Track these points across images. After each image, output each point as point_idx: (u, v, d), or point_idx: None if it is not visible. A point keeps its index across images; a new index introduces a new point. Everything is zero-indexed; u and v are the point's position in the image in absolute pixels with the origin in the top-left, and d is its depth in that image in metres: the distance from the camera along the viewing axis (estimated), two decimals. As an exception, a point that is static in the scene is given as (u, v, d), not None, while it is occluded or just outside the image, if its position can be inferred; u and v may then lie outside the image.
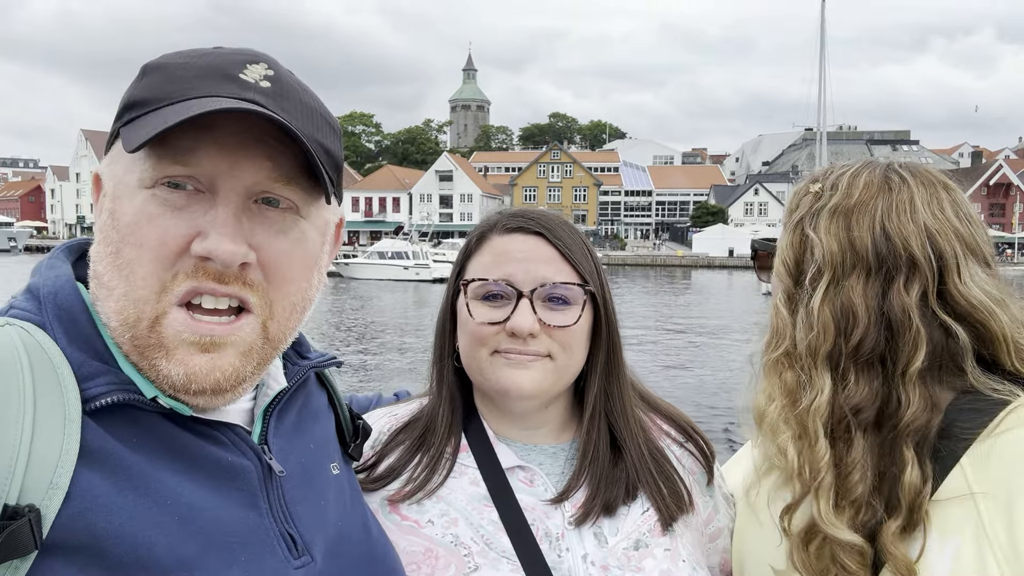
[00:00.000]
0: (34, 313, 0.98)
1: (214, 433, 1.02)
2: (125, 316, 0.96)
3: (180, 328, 0.97)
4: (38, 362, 0.91)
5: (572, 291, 1.39)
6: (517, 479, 1.41)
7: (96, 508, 0.87)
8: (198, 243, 0.96)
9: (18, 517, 0.81)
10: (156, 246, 0.96)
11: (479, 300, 1.40)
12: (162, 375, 0.97)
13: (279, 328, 1.06)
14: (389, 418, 1.55)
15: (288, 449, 1.11)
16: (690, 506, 1.45)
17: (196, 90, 0.97)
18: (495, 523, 1.35)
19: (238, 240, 0.97)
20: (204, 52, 1.04)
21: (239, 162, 0.98)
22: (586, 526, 1.36)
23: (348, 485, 1.25)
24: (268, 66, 1.04)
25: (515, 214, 1.46)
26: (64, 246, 1.11)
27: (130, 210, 0.97)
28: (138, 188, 0.97)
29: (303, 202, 1.04)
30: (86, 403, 0.91)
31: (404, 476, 1.42)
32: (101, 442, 0.91)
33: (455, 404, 1.49)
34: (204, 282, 0.97)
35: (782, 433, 1.26)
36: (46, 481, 0.84)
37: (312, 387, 1.28)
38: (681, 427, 1.57)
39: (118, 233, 0.98)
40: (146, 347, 0.97)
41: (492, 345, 1.39)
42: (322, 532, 1.09)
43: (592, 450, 1.43)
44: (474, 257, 1.46)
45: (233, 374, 1.00)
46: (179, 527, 0.92)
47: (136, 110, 0.98)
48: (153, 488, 0.92)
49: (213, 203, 0.98)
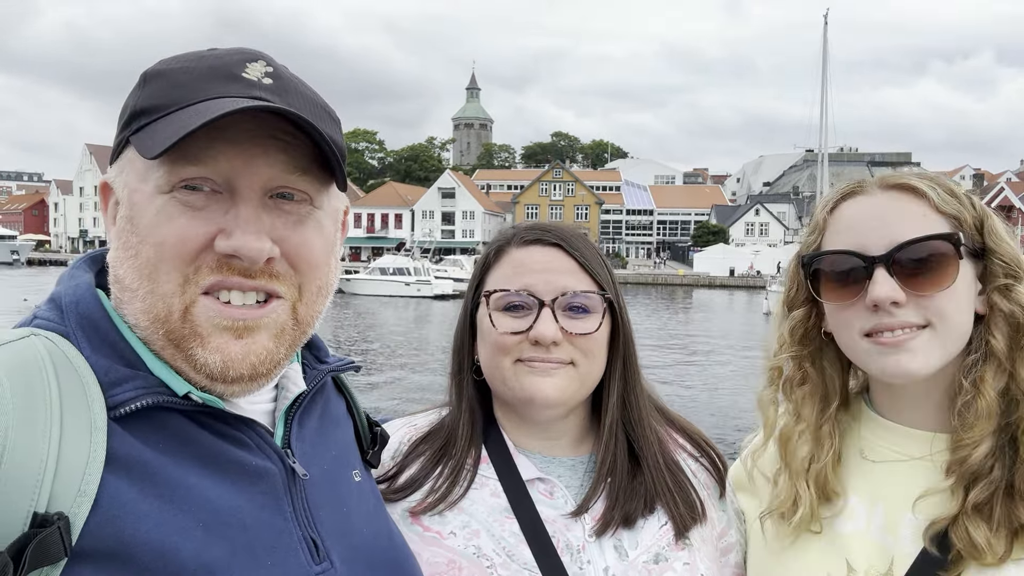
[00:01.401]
0: (57, 323, 0.99)
1: (240, 436, 1.03)
2: (156, 312, 0.98)
3: (212, 314, 0.99)
4: (63, 371, 0.92)
5: (592, 299, 1.43)
6: (537, 491, 1.42)
7: (123, 515, 0.88)
8: (222, 241, 0.98)
9: (48, 525, 0.81)
10: (176, 243, 0.97)
11: (501, 311, 1.43)
12: (199, 363, 0.99)
13: (307, 310, 1.08)
14: (409, 428, 1.57)
15: (311, 454, 1.12)
16: (703, 517, 1.47)
17: (204, 92, 0.99)
18: (516, 535, 1.36)
19: (262, 236, 0.99)
20: (201, 55, 1.06)
21: (254, 159, 0.99)
22: (606, 539, 1.38)
23: (370, 493, 1.25)
24: (267, 63, 1.06)
25: (532, 227, 1.50)
26: (87, 256, 1.13)
27: (149, 214, 0.98)
28: (156, 194, 0.98)
29: (316, 192, 1.07)
30: (113, 409, 0.92)
31: (426, 487, 1.43)
32: (128, 448, 0.92)
33: (475, 416, 1.50)
34: (229, 276, 0.99)
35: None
36: (74, 489, 0.85)
37: (331, 393, 1.29)
38: (695, 441, 1.60)
39: (137, 236, 0.99)
40: (181, 338, 0.99)
41: (515, 354, 1.41)
42: (343, 538, 1.10)
43: (611, 461, 1.44)
44: (493, 269, 1.48)
45: (268, 357, 1.03)
46: (205, 532, 0.93)
47: (145, 117, 1.00)
48: (179, 494, 0.93)
49: (232, 202, 0.99)
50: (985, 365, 1.27)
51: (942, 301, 1.26)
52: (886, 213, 1.30)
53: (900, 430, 1.37)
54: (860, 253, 1.29)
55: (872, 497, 1.36)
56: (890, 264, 1.26)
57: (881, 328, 1.27)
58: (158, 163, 0.97)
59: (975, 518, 1.22)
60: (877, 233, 1.29)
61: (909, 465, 1.34)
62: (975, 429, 1.25)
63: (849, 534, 1.35)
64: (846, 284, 1.31)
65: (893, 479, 1.35)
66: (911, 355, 1.26)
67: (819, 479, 1.39)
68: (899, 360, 1.26)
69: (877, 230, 1.29)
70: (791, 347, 1.45)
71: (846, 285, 1.31)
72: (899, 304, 1.25)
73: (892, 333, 1.27)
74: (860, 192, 1.36)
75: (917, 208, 1.29)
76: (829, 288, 1.35)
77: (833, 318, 1.38)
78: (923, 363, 1.26)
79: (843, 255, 1.31)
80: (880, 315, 1.26)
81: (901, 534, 1.30)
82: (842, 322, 1.35)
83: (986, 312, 1.31)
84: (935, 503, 1.28)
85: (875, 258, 1.26)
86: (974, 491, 1.23)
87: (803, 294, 1.44)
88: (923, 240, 1.26)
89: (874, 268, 1.26)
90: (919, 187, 1.30)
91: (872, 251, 1.28)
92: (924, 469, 1.32)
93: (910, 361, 1.26)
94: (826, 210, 1.39)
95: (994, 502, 1.22)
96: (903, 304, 1.26)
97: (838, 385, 1.45)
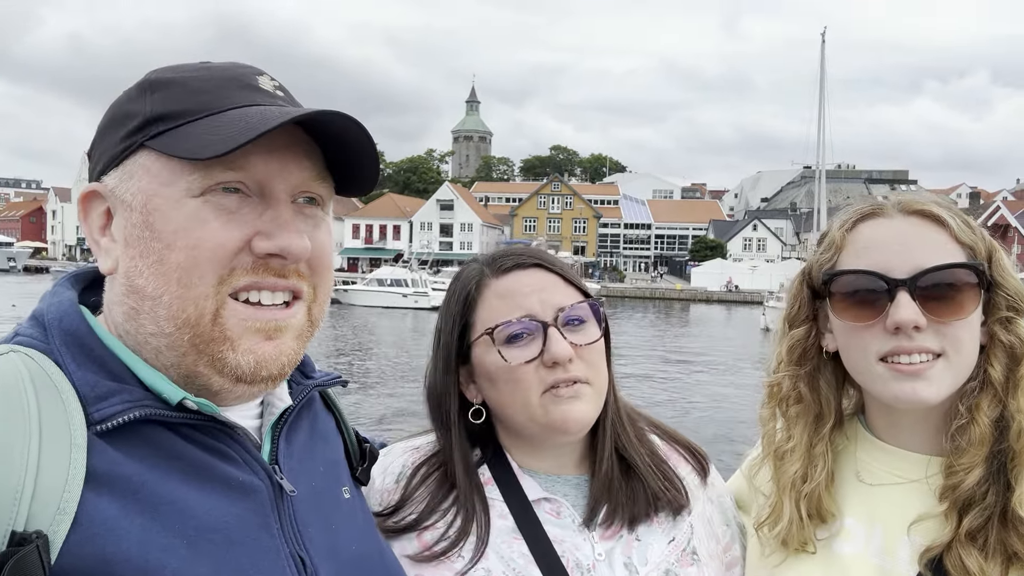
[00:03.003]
0: (39, 339, 0.98)
1: (227, 450, 1.02)
2: (185, 316, 0.97)
3: (244, 317, 0.99)
4: (43, 388, 0.91)
5: (586, 309, 1.44)
6: (544, 511, 1.42)
7: (104, 533, 0.86)
8: (264, 242, 0.99)
9: (26, 543, 0.80)
10: (213, 247, 0.97)
11: (505, 344, 1.40)
12: (230, 366, 0.99)
13: (319, 311, 1.11)
14: (412, 452, 1.53)
15: (299, 470, 1.11)
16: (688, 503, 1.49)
17: (231, 100, 1.00)
18: (525, 555, 1.36)
19: (303, 235, 1.02)
20: (204, 65, 1.07)
21: (287, 164, 1.02)
22: (616, 556, 1.38)
23: (360, 510, 1.25)
24: (270, 76, 1.09)
25: (502, 255, 1.49)
26: (69, 274, 1.12)
27: (178, 218, 0.97)
28: (185, 197, 0.98)
29: (328, 198, 1.10)
30: (97, 424, 0.92)
31: (438, 525, 1.40)
32: (110, 464, 0.91)
33: (469, 461, 1.46)
34: (265, 277, 1.00)
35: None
36: (53, 507, 0.84)
37: (319, 410, 1.28)
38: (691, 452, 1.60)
39: (161, 242, 0.97)
40: (211, 341, 0.98)
41: (538, 387, 1.38)
42: (332, 555, 1.09)
43: (608, 468, 1.45)
44: (478, 307, 1.44)
45: (293, 357, 1.06)
46: (189, 549, 0.92)
47: (167, 122, 0.99)
48: (163, 509, 0.92)
49: (267, 205, 1.01)
50: (982, 393, 1.29)
51: (959, 330, 1.27)
52: (908, 238, 1.30)
53: (897, 452, 1.38)
54: (883, 275, 1.28)
55: (870, 519, 1.37)
56: (913, 288, 1.26)
57: (898, 351, 1.28)
58: (190, 168, 0.97)
59: (969, 546, 1.22)
60: (900, 257, 1.29)
61: (905, 488, 1.35)
62: (967, 455, 1.27)
63: (848, 556, 1.36)
64: (866, 305, 1.31)
65: (889, 501, 1.36)
66: (926, 383, 1.27)
67: (812, 499, 1.40)
68: (915, 388, 1.27)
69: (900, 254, 1.29)
70: (788, 366, 1.46)
71: (866, 306, 1.31)
72: (919, 329, 1.26)
73: (909, 358, 1.27)
74: (881, 214, 1.35)
75: (938, 236, 1.30)
76: (846, 307, 1.34)
77: (846, 338, 1.37)
78: (936, 392, 1.28)
79: (866, 275, 1.31)
80: (899, 338, 1.27)
81: (899, 556, 1.31)
82: (857, 343, 1.34)
83: (986, 342, 1.32)
84: (930, 527, 1.29)
85: (899, 281, 1.26)
86: (967, 518, 1.24)
87: (805, 312, 1.44)
88: (948, 267, 1.27)
89: (897, 291, 1.26)
90: (940, 215, 1.31)
91: (895, 274, 1.28)
92: (920, 492, 1.33)
93: (925, 389, 1.27)
94: (844, 228, 1.38)
95: (988, 529, 1.22)
96: (923, 329, 1.26)
97: (833, 405, 1.46)
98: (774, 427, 1.50)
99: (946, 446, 1.31)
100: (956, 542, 1.24)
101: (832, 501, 1.41)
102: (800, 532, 1.39)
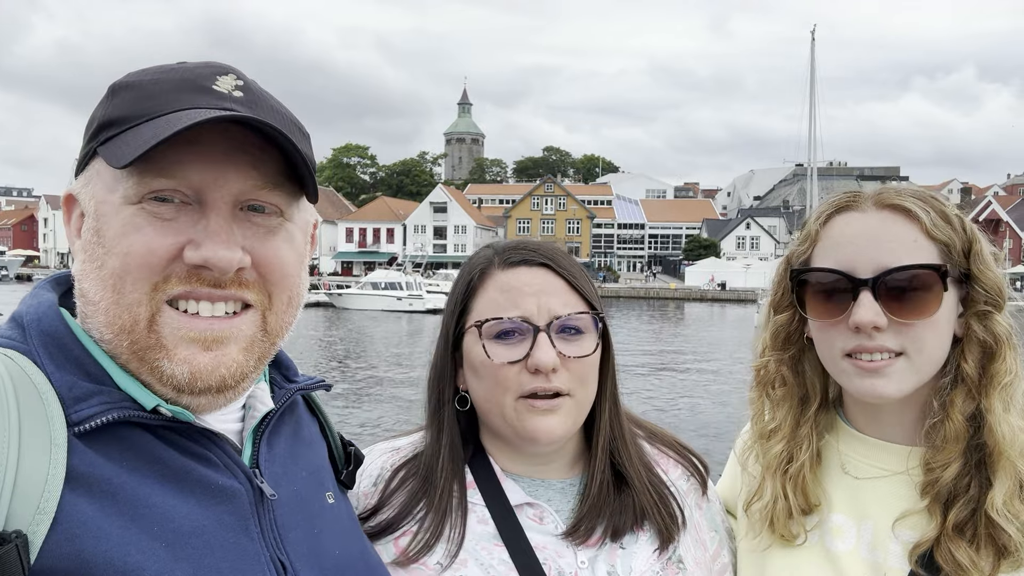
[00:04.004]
0: (18, 341, 0.98)
1: (206, 454, 1.01)
2: (120, 323, 0.97)
3: (177, 326, 0.98)
4: (22, 388, 0.91)
5: (585, 320, 1.39)
6: (526, 516, 1.38)
7: (84, 533, 0.86)
8: (192, 252, 0.97)
9: (5, 543, 0.80)
10: (144, 254, 0.96)
11: (493, 339, 1.37)
12: (166, 376, 0.98)
13: (277, 320, 1.07)
14: (392, 454, 1.50)
15: (280, 474, 1.11)
16: (685, 525, 1.45)
17: (174, 104, 0.98)
18: (506, 563, 1.32)
19: (233, 246, 0.99)
20: (171, 67, 1.05)
21: (225, 172, 0.99)
22: (600, 564, 1.35)
23: (345, 514, 1.23)
24: (237, 76, 1.05)
25: (515, 247, 1.44)
26: (50, 277, 1.12)
27: (116, 225, 0.97)
28: (123, 204, 0.97)
29: (287, 205, 1.07)
30: (76, 425, 0.91)
31: (412, 529, 1.37)
32: (90, 466, 0.90)
33: (456, 451, 1.43)
34: (198, 287, 0.98)
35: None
36: (33, 507, 0.84)
37: (303, 414, 1.27)
38: (673, 447, 1.58)
39: (103, 248, 0.98)
40: (147, 348, 0.97)
41: (516, 390, 1.35)
42: (313, 560, 1.08)
43: (599, 482, 1.41)
44: (479, 294, 1.41)
45: (237, 370, 1.02)
46: (168, 552, 0.91)
47: (113, 128, 0.99)
48: (142, 512, 0.91)
49: (202, 213, 0.99)
50: (955, 390, 1.30)
51: (922, 330, 1.28)
52: (878, 235, 1.30)
53: (877, 444, 1.39)
54: (848, 274, 1.30)
55: (859, 515, 1.38)
56: (876, 288, 1.27)
57: (860, 350, 1.30)
58: (127, 174, 0.96)
59: (957, 540, 1.23)
60: (866, 255, 1.29)
61: (890, 481, 1.36)
62: (943, 452, 1.28)
63: (841, 553, 1.37)
64: (831, 303, 1.33)
65: (876, 495, 1.37)
66: (886, 380, 1.29)
67: (798, 482, 1.41)
68: (875, 384, 1.29)
69: (866, 252, 1.30)
70: (772, 350, 1.49)
71: (831, 304, 1.33)
72: (880, 329, 1.27)
73: (870, 356, 1.29)
74: (854, 207, 1.35)
75: (908, 233, 1.30)
76: (814, 304, 1.36)
77: (815, 333, 1.40)
78: (896, 388, 1.30)
79: (831, 273, 1.33)
80: (860, 337, 1.29)
81: (890, 550, 1.32)
82: (824, 339, 1.37)
83: (963, 335, 1.32)
84: (917, 522, 1.30)
85: (861, 281, 1.28)
86: (952, 512, 1.25)
87: (788, 299, 1.45)
88: (910, 268, 1.27)
89: (860, 291, 1.27)
90: (913, 209, 1.30)
91: (860, 273, 1.29)
92: (904, 485, 1.34)
93: (885, 386, 1.29)
94: (819, 222, 1.39)
95: (976, 522, 1.23)
96: (883, 329, 1.27)
97: (819, 388, 1.47)
98: (762, 409, 1.52)
99: (920, 442, 1.32)
100: (944, 536, 1.24)
101: (819, 487, 1.42)
102: (786, 518, 1.40)
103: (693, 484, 1.54)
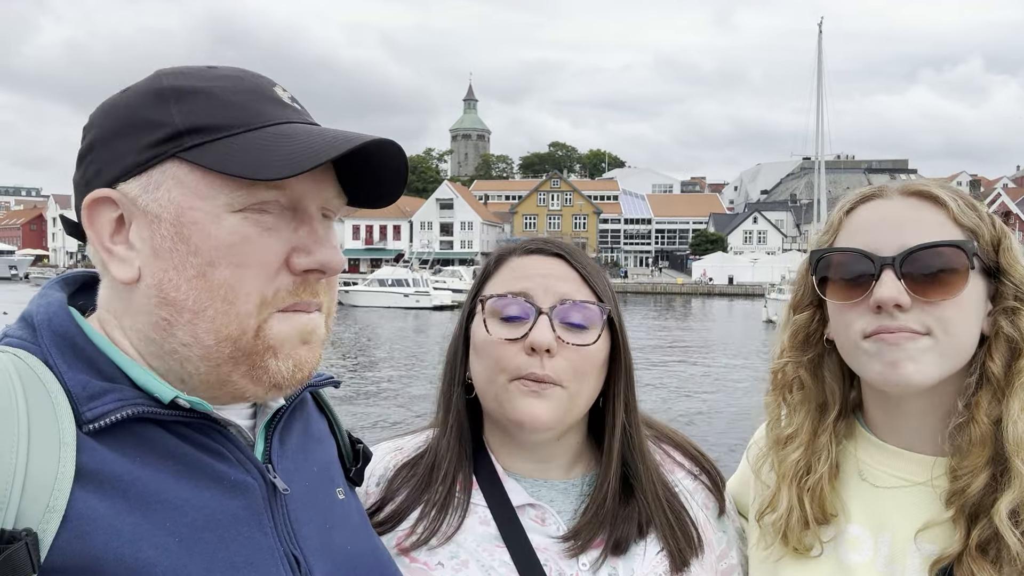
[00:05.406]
0: (28, 340, 0.99)
1: (220, 449, 1.02)
2: (228, 332, 0.99)
3: (287, 328, 1.02)
4: (31, 387, 0.92)
5: (591, 311, 1.37)
6: (528, 518, 1.37)
7: (95, 530, 0.87)
8: (303, 258, 1.01)
9: (15, 541, 0.81)
10: (259, 264, 0.99)
11: (496, 319, 1.38)
12: (272, 372, 1.02)
13: (331, 323, 1.13)
14: (395, 453, 1.51)
15: (292, 470, 1.12)
16: (700, 546, 1.41)
17: (265, 114, 1.02)
18: (507, 564, 1.32)
19: (337, 249, 1.06)
20: (225, 74, 1.06)
21: (320, 183, 1.05)
22: (602, 568, 1.33)
23: (355, 510, 1.25)
24: (282, 87, 1.09)
25: (535, 239, 1.47)
26: (59, 277, 1.13)
27: (221, 234, 0.98)
28: (225, 212, 0.98)
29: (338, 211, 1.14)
30: (88, 423, 0.92)
31: (413, 521, 1.38)
32: (101, 463, 0.91)
33: (463, 436, 1.44)
34: (304, 297, 1.03)
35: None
36: (43, 504, 0.85)
37: (312, 411, 1.29)
38: (691, 456, 1.55)
39: (202, 257, 0.98)
40: (253, 352, 1.00)
41: (511, 371, 1.34)
42: (326, 554, 1.09)
43: (607, 487, 1.39)
44: (493, 277, 1.44)
45: (316, 364, 1.09)
46: (181, 547, 0.92)
47: (201, 135, 0.98)
48: (155, 508, 0.92)
49: (300, 220, 1.03)
50: (981, 390, 1.26)
51: (947, 310, 1.24)
52: (902, 218, 1.29)
53: (899, 453, 1.35)
54: (870, 254, 1.27)
55: (877, 526, 1.34)
56: (899, 267, 1.24)
57: (881, 331, 1.25)
58: (232, 183, 0.97)
59: (980, 560, 1.18)
60: (890, 236, 1.27)
61: (911, 492, 1.31)
62: (970, 457, 1.23)
63: (856, 565, 1.33)
64: (853, 284, 1.30)
65: (896, 505, 1.32)
66: (909, 359, 1.23)
67: (816, 494, 1.37)
68: (895, 362, 1.24)
69: (890, 233, 1.28)
70: (791, 352, 1.45)
71: (852, 285, 1.30)
72: (902, 308, 1.23)
73: (893, 335, 1.25)
74: (879, 196, 1.34)
75: (935, 217, 1.28)
76: (835, 287, 1.33)
77: (835, 318, 1.36)
78: (919, 370, 1.24)
79: (853, 254, 1.30)
80: (882, 317, 1.25)
81: (908, 564, 1.27)
82: (843, 323, 1.32)
83: (991, 334, 1.28)
84: (938, 535, 1.25)
85: (884, 259, 1.25)
86: (976, 528, 1.19)
87: (809, 297, 1.42)
88: (934, 246, 1.25)
89: (882, 270, 1.25)
90: (939, 196, 1.29)
91: (882, 252, 1.26)
92: (926, 496, 1.29)
93: (907, 365, 1.23)
94: (843, 211, 1.38)
95: (1000, 540, 1.17)
96: (907, 309, 1.24)
97: (838, 395, 1.43)
98: (778, 414, 1.48)
99: (942, 445, 1.28)
100: (967, 554, 1.19)
101: (837, 498, 1.38)
102: (801, 530, 1.36)
103: (700, 484, 1.52)
